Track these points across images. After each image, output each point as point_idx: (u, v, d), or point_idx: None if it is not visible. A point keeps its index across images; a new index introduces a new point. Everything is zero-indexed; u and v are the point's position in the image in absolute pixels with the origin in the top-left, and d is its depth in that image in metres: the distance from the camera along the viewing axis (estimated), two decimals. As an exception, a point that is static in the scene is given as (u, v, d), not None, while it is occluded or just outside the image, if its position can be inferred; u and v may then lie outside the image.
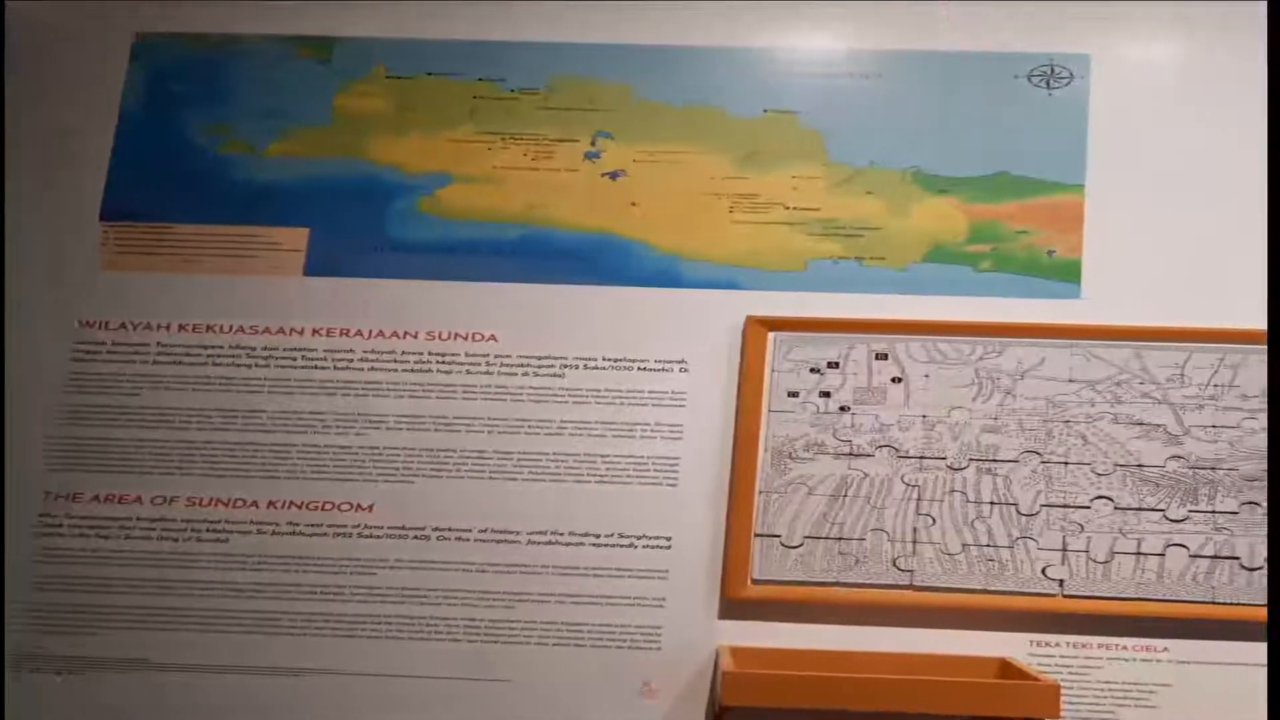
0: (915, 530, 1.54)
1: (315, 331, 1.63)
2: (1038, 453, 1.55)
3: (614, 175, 1.68)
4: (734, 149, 1.68)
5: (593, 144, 1.69)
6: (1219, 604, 1.50)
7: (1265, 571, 1.49)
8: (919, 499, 1.55)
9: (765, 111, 1.69)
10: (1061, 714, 1.40)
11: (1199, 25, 1.68)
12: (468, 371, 1.61)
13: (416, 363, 1.62)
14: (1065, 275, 1.61)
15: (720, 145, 1.68)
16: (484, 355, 1.62)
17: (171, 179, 1.68)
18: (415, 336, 1.63)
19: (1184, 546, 1.51)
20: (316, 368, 1.61)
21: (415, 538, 1.56)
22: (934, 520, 1.54)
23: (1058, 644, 1.51)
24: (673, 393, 1.60)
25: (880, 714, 1.45)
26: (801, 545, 1.54)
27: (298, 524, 1.56)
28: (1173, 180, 1.63)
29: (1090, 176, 1.64)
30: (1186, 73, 1.66)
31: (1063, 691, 1.45)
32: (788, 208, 1.66)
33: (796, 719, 1.48)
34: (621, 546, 1.55)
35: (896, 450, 1.57)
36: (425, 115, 1.71)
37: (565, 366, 1.61)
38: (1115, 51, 1.67)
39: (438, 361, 1.62)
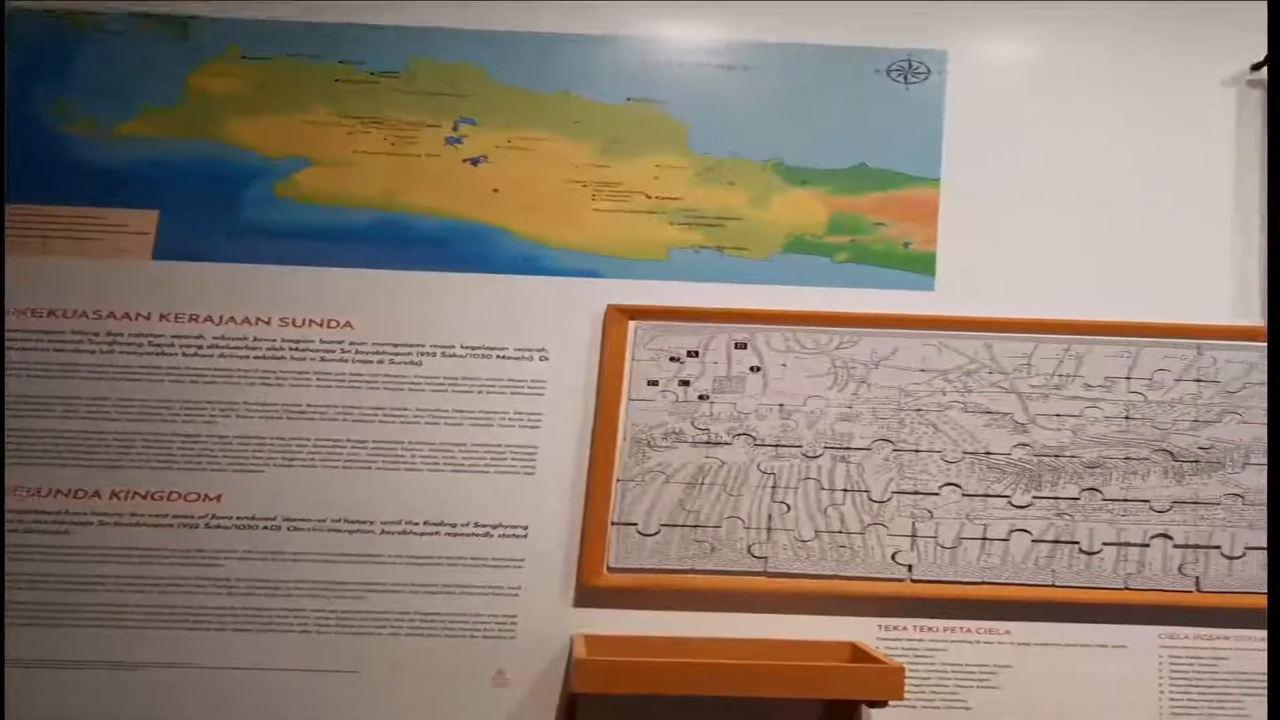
0: (770, 517, 1.60)
1: (163, 317, 1.63)
2: (890, 441, 1.62)
3: (476, 161, 1.71)
4: (597, 137, 1.72)
5: (454, 129, 1.72)
6: (1059, 587, 1.58)
7: (1101, 556, 1.58)
8: (774, 487, 1.61)
9: (628, 100, 1.73)
10: (905, 696, 1.47)
11: (1055, 24, 1.77)
12: (322, 359, 1.63)
13: (269, 349, 1.63)
14: (920, 267, 1.69)
15: (583, 133, 1.72)
16: (339, 342, 1.64)
17: (14, 156, 1.66)
18: (268, 323, 1.64)
19: (1027, 532, 1.59)
20: (163, 354, 1.61)
21: (265, 528, 1.57)
22: (789, 507, 1.60)
23: (905, 627, 1.58)
24: (532, 381, 1.63)
25: (731, 699, 1.50)
26: (658, 533, 1.59)
27: (141, 515, 1.56)
28: (1025, 175, 1.71)
29: (946, 170, 1.71)
30: (1041, 71, 1.75)
31: (909, 674, 1.53)
32: (650, 196, 1.71)
33: (650, 706, 1.53)
34: (477, 536, 1.58)
35: (753, 439, 1.62)
36: (282, 97, 1.72)
37: (423, 354, 1.64)
38: (972, 48, 1.75)
39: (291, 348, 1.63)
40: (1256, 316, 1.66)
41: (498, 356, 1.64)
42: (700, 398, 1.64)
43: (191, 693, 1.52)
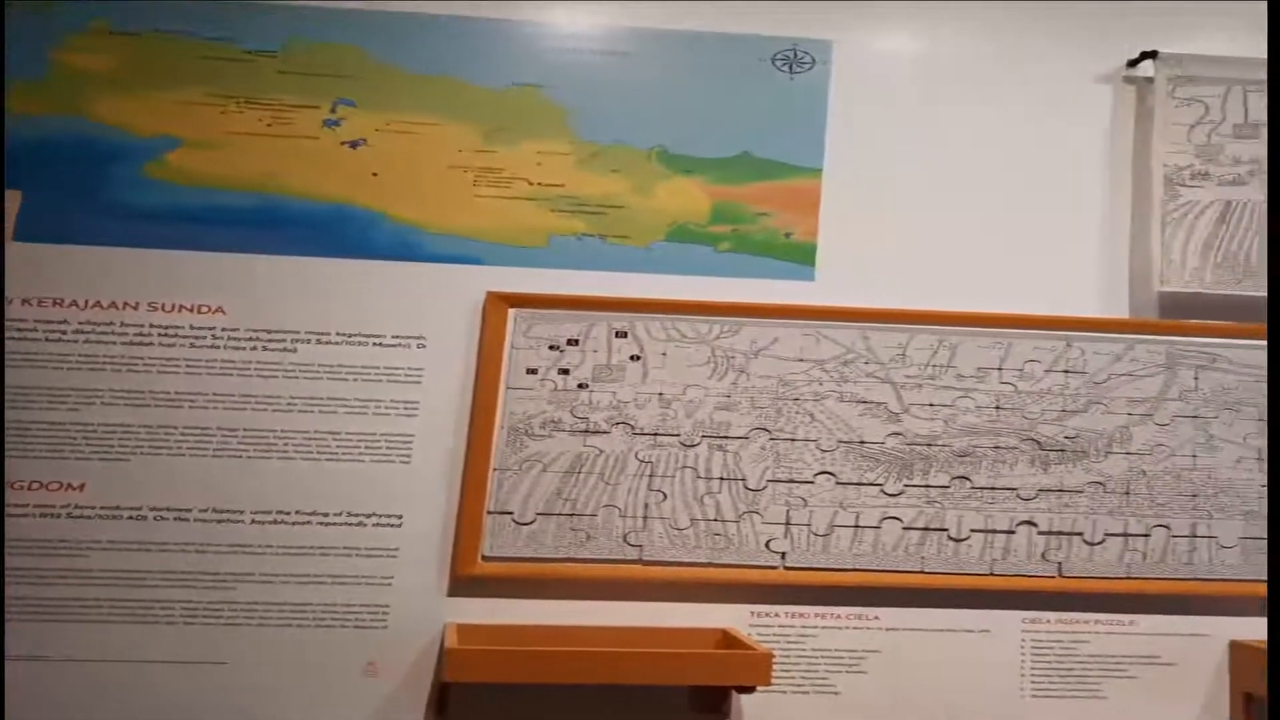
0: (647, 506, 1.65)
1: (25, 301, 1.62)
2: (767, 430, 1.68)
3: (354, 144, 1.73)
4: (478, 122, 1.75)
5: (333, 111, 1.73)
6: (928, 573, 1.66)
7: (969, 542, 1.66)
8: (652, 475, 1.66)
9: (511, 85, 1.76)
10: (774, 681, 1.53)
11: (937, 18, 1.83)
12: (192, 345, 1.64)
13: (137, 335, 1.63)
14: (801, 258, 1.75)
15: (464, 117, 1.75)
16: (210, 328, 1.65)
17: None
18: (136, 308, 1.64)
19: (898, 519, 1.67)
20: (26, 339, 1.61)
21: (131, 518, 1.58)
22: (665, 496, 1.65)
23: (777, 614, 1.64)
24: (409, 369, 1.66)
25: (602, 687, 1.56)
26: (534, 522, 1.63)
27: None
28: (905, 168, 1.78)
29: (829, 161, 1.77)
30: (923, 64, 1.81)
31: (780, 660, 1.60)
32: (532, 183, 1.74)
33: (522, 695, 1.57)
34: (350, 525, 1.61)
35: (632, 427, 1.67)
36: (153, 75, 1.72)
37: (297, 341, 1.65)
38: (857, 40, 1.81)
39: (160, 334, 1.64)
40: (1123, 310, 1.75)
41: (374, 344, 1.66)
42: (579, 386, 1.68)
43: (56, 687, 1.53)
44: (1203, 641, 1.66)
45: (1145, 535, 1.68)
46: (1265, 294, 1.72)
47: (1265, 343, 1.72)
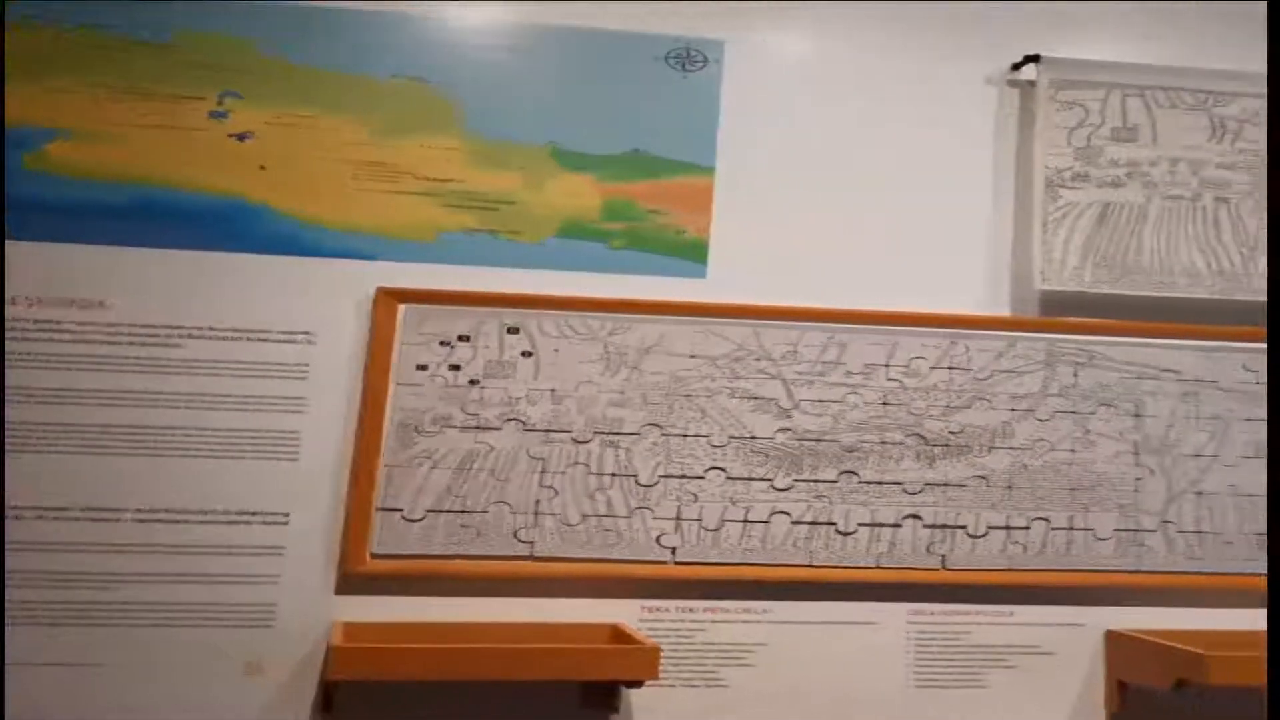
0: (538, 502, 1.68)
1: (-107, 294, 1.60)
2: (659, 426, 1.72)
3: (242, 137, 1.73)
4: (367, 115, 1.76)
5: (219, 103, 1.73)
6: (816, 566, 1.71)
7: (856, 536, 1.71)
8: (544, 472, 1.69)
9: (401, 79, 1.77)
10: (662, 675, 1.57)
11: (828, 19, 1.89)
12: (73, 340, 1.63)
13: (16, 330, 1.61)
14: (693, 255, 1.78)
15: (353, 111, 1.76)
16: (93, 324, 1.64)
17: None
18: (14, 303, 1.63)
19: (787, 514, 1.71)
20: (-106, 334, 1.59)
21: (9, 517, 1.56)
22: (557, 492, 1.68)
23: (668, 608, 1.68)
24: (296, 365, 1.67)
25: (492, 684, 1.58)
26: (424, 519, 1.65)
27: None
28: (796, 166, 1.83)
29: (721, 159, 1.81)
30: (814, 65, 1.86)
31: (669, 654, 1.63)
32: (421, 178, 1.76)
33: (409, 693, 1.59)
34: (235, 523, 1.62)
35: (524, 424, 1.69)
36: (33, 64, 1.70)
37: (183, 336, 1.65)
38: (749, 39, 1.85)
39: (40, 329, 1.62)
40: (1006, 308, 1.82)
41: (260, 339, 1.67)
42: (471, 382, 1.70)
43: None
44: (1079, 631, 1.73)
45: (1026, 528, 1.74)
46: (1141, 293, 1.80)
47: (1141, 340, 1.80)
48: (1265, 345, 1.81)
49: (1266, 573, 1.76)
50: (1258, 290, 1.81)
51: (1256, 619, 1.75)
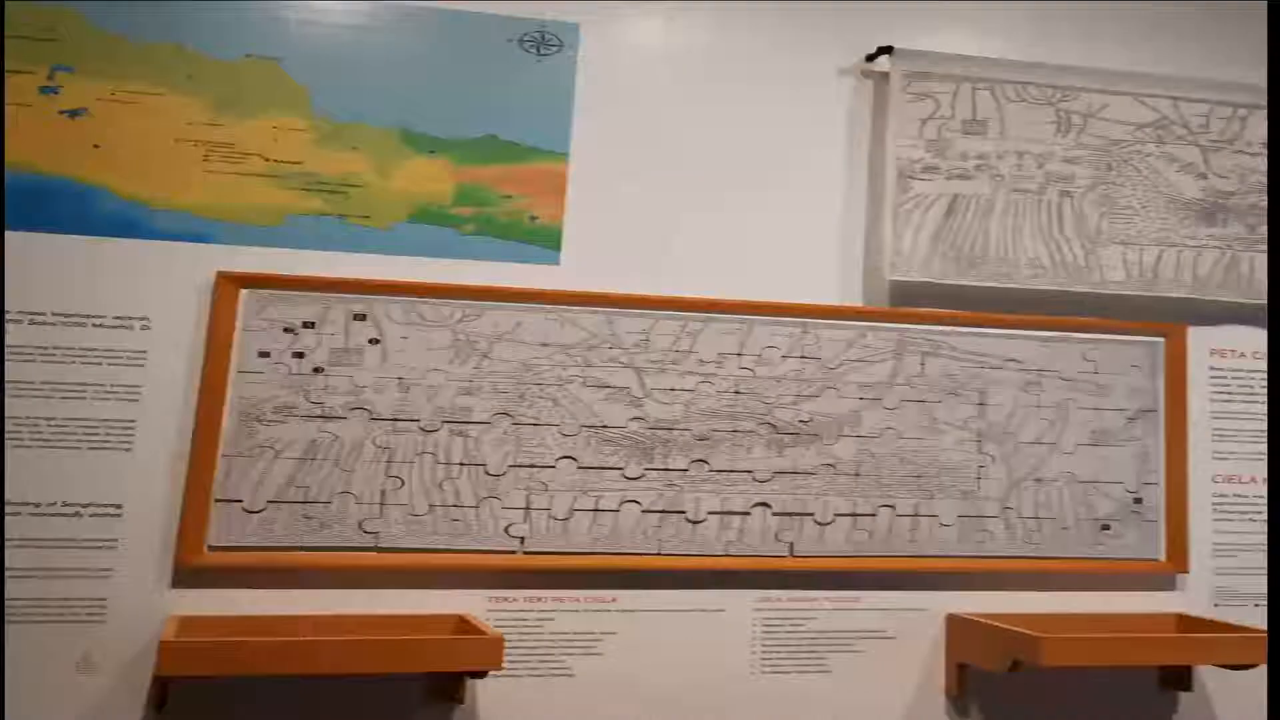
0: (384, 493, 1.68)
1: None
2: (509, 415, 1.73)
3: (74, 114, 1.69)
4: (211, 94, 1.73)
5: (50, 78, 1.69)
6: (665, 555, 1.74)
7: (705, 524, 1.75)
8: (390, 461, 1.69)
9: (246, 56, 1.75)
10: (507, 665, 1.59)
11: (685, 7, 1.90)
12: (-113, 325, 1.58)
13: None
14: (546, 241, 1.80)
15: (195, 90, 1.73)
16: (-92, 307, 1.59)
17: None
18: None
19: (637, 502, 1.74)
20: None
21: None
22: (403, 482, 1.68)
23: (515, 598, 1.70)
24: (131, 351, 1.64)
25: (334, 677, 1.58)
26: (264, 510, 1.64)
27: None
28: (651, 154, 1.85)
29: (575, 145, 1.82)
30: (670, 52, 1.88)
31: (516, 644, 1.65)
32: (267, 159, 1.73)
33: (249, 689, 1.58)
34: (65, 516, 1.59)
35: (370, 412, 1.69)
36: None
37: (9, 321, 1.61)
38: (604, 25, 1.86)
39: None
40: (857, 297, 1.86)
41: (94, 325, 1.64)
42: (315, 370, 1.69)
43: None
44: (922, 616, 1.80)
45: (872, 515, 1.80)
46: (987, 284, 1.86)
47: (986, 330, 1.86)
48: (1106, 336, 1.89)
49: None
50: (1098, 282, 1.88)
51: (1091, 602, 1.84)
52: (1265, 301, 1.94)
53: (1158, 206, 1.92)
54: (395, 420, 1.70)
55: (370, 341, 1.71)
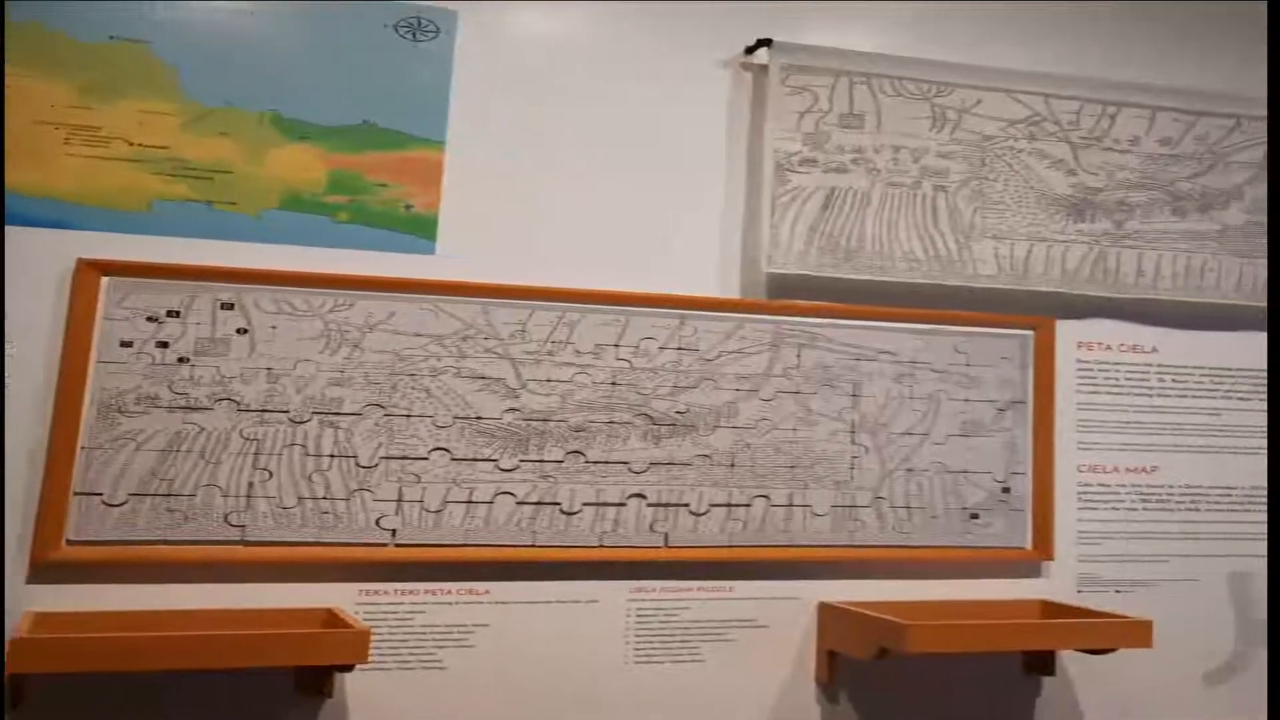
0: (251, 485, 1.67)
1: None
2: (381, 406, 1.73)
3: (-75, 94, 1.64)
4: (75, 76, 1.70)
5: (-101, 56, 1.64)
6: (539, 547, 1.76)
7: (580, 516, 1.77)
8: (258, 453, 1.68)
9: (112, 38, 1.72)
10: (379, 659, 1.60)
11: (570, -7, 1.91)
12: None
13: None
14: (422, 230, 1.80)
15: (59, 71, 1.70)
16: None
17: None
18: None
19: (512, 494, 1.75)
20: None
21: None
22: (271, 474, 1.68)
23: (387, 591, 1.71)
24: (-15, 341, 1.61)
25: (200, 673, 1.57)
26: (126, 503, 1.62)
27: None
28: (529, 143, 1.86)
29: (452, 133, 1.82)
30: (550, 41, 1.89)
31: (386, 637, 1.66)
32: (132, 144, 1.71)
33: (113, 686, 1.57)
34: (-87, 510, 1.55)
35: (237, 403, 1.68)
36: None
37: None
38: (483, 11, 1.86)
39: None
40: (735, 290, 1.90)
41: (-56, 313, 1.60)
42: (180, 360, 1.68)
43: None
44: (794, 604, 1.84)
45: (747, 505, 1.84)
46: (862, 277, 1.90)
47: (861, 323, 1.91)
48: (977, 329, 1.95)
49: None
50: (970, 276, 1.94)
51: (960, 590, 1.89)
52: (1133, 296, 2.01)
53: (1029, 202, 1.98)
54: (263, 411, 1.69)
55: (238, 331, 1.70)
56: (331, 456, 1.71)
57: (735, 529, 1.83)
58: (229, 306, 1.70)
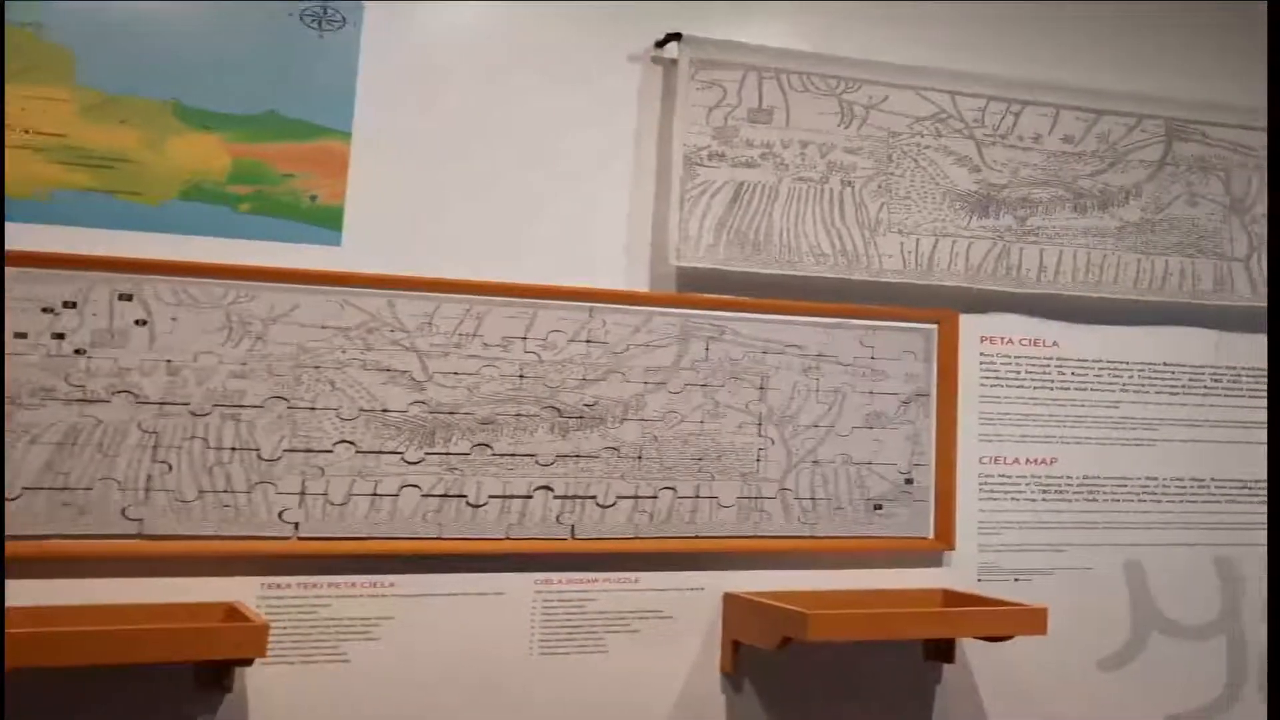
0: (150, 478, 1.67)
1: None
2: (285, 398, 1.73)
3: None
4: (-36, 61, 1.67)
5: None
6: (445, 539, 1.77)
7: (486, 508, 1.79)
8: (157, 446, 1.67)
9: (11, 25, 1.69)
10: (282, 653, 1.60)
11: (480, -17, 1.92)
12: None
13: None
14: (327, 221, 1.80)
15: (-55, 55, 1.67)
16: None
17: None
18: None
19: (417, 487, 1.77)
20: None
21: None
22: (171, 467, 1.68)
23: (290, 585, 1.71)
24: None
25: (95, 668, 1.56)
26: (19, 497, 1.61)
27: None
28: (437, 135, 1.86)
29: (358, 124, 1.82)
30: (459, 33, 1.90)
31: (289, 630, 1.67)
32: (28, 131, 1.69)
33: (8, 682, 1.55)
34: None
35: (136, 396, 1.68)
36: None
37: None
38: (390, 2, 1.86)
39: None
40: (644, 283, 1.92)
41: None
42: (76, 352, 1.67)
43: None
44: (699, 595, 1.88)
45: (653, 497, 1.87)
46: (770, 271, 1.94)
47: (769, 316, 1.95)
48: (883, 323, 1.99)
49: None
50: (876, 270, 1.99)
51: (864, 579, 1.94)
52: (1035, 291, 2.07)
53: (934, 197, 2.03)
54: (163, 404, 1.69)
55: (137, 323, 1.70)
56: (233, 449, 1.71)
57: (642, 521, 1.86)
58: (127, 298, 1.70)
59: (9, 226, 1.66)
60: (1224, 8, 2.27)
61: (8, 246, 1.65)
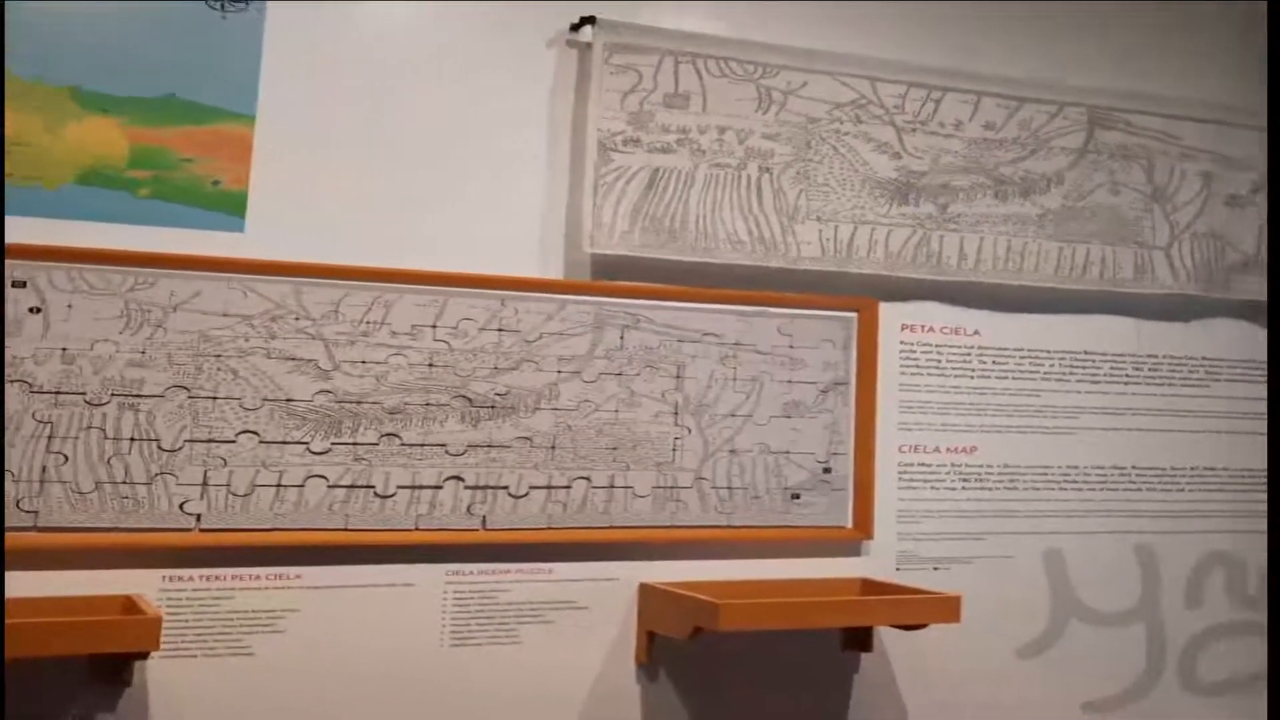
0: (44, 470, 1.65)
1: None
2: (186, 388, 1.72)
3: None
4: None
5: None
6: (352, 530, 1.77)
7: (395, 499, 1.78)
8: (51, 436, 1.65)
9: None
10: (180, 646, 1.59)
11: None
12: None
13: None
14: (230, 207, 1.79)
15: None
16: None
17: None
18: None
19: (324, 477, 1.76)
20: None
21: None
22: (67, 458, 1.66)
23: (191, 577, 1.70)
24: None
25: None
26: (-93, 489, 1.59)
27: None
28: (344, 120, 1.86)
29: (262, 108, 1.81)
30: (369, 16, 1.89)
31: (191, 624, 1.66)
32: (-84, 114, 1.66)
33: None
34: None
35: (30, 385, 1.66)
36: None
37: None
38: (299, -18, 1.85)
39: None
40: (558, 270, 1.92)
41: None
42: (-32, 341, 1.64)
43: None
44: (615, 585, 1.88)
45: (567, 487, 1.87)
46: (686, 258, 1.95)
47: (685, 304, 1.95)
48: (801, 311, 2.00)
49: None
50: (794, 259, 2.00)
51: (781, 569, 1.96)
52: (955, 279, 2.09)
53: (853, 184, 2.05)
54: (58, 393, 1.67)
55: (31, 310, 1.68)
56: (132, 440, 1.70)
57: (555, 511, 1.86)
58: (20, 285, 1.68)
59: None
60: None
61: (-104, 232, 1.62)
